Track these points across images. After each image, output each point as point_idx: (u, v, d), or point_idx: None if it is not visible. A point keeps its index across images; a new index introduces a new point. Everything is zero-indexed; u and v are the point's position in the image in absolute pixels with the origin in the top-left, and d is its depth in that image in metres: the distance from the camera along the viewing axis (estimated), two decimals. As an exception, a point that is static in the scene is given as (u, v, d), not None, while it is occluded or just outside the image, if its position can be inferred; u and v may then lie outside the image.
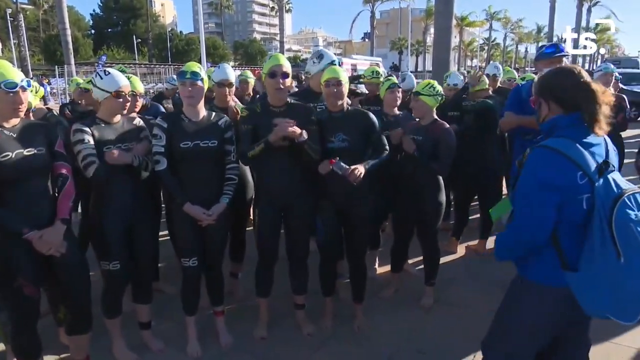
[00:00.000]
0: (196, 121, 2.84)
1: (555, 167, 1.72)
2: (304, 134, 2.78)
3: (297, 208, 3.02)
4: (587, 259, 1.72)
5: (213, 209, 2.82)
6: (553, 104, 1.86)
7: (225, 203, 2.86)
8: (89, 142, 2.61)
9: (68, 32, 21.34)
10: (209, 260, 3.03)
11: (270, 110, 2.91)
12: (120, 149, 2.69)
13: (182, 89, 2.81)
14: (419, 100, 3.40)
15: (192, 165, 2.80)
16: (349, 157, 2.90)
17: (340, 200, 3.06)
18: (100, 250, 2.79)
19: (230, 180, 2.92)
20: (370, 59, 30.18)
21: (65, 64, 21.96)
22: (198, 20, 13.39)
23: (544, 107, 1.89)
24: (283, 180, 2.94)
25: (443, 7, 11.17)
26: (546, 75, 1.95)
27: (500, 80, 6.03)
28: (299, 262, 3.17)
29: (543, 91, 1.90)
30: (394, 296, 3.81)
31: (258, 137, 2.86)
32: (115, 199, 2.73)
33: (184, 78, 2.77)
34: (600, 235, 1.67)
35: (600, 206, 1.69)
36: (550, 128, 1.85)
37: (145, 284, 3.02)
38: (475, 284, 4.05)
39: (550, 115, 1.87)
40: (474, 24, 55.72)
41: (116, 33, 61.68)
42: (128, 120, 2.86)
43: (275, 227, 3.08)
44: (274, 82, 2.84)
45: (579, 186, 1.71)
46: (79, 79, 5.71)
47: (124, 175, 2.71)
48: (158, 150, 2.76)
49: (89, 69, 29.95)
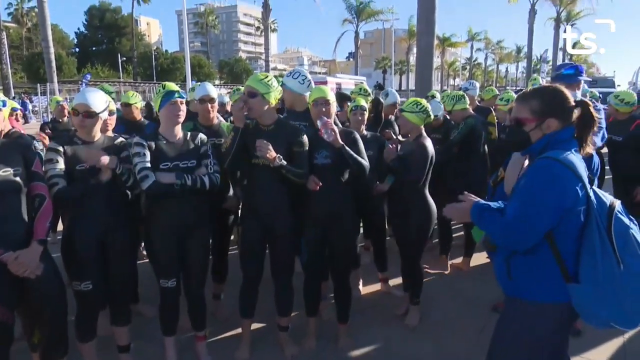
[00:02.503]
0: (174, 142, 2.82)
1: (562, 180, 1.75)
2: (278, 159, 2.75)
3: (283, 226, 2.99)
4: (589, 270, 1.74)
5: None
6: (553, 121, 1.87)
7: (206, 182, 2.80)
8: (58, 163, 2.55)
9: (51, 50, 21.19)
10: (191, 282, 2.98)
11: (260, 128, 2.92)
12: (95, 168, 2.63)
13: (171, 108, 2.75)
14: (402, 117, 3.50)
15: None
16: (332, 174, 2.94)
17: (323, 218, 3.05)
18: (71, 270, 2.69)
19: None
20: (354, 78, 30.54)
21: (47, 82, 21.77)
22: (183, 39, 13.47)
23: (544, 127, 1.88)
24: (269, 197, 2.92)
25: (425, 28, 11.41)
26: (545, 95, 1.93)
27: (476, 98, 6.14)
28: (284, 283, 3.13)
29: (547, 110, 1.88)
30: (378, 316, 3.78)
31: (248, 152, 2.86)
32: (88, 213, 2.65)
33: (173, 97, 2.75)
34: (600, 245, 1.72)
35: (597, 216, 1.75)
36: (545, 145, 1.87)
37: (122, 305, 2.92)
38: (460, 301, 4.04)
39: (546, 133, 1.88)
40: (456, 44, 56.96)
41: (101, 51, 61.61)
42: (108, 139, 2.82)
43: (261, 245, 3.04)
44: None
45: (579, 198, 1.76)
46: (59, 97, 5.67)
47: (98, 189, 2.64)
48: (144, 166, 2.69)
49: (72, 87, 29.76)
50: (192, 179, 2.74)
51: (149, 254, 2.95)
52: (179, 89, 2.83)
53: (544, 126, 1.88)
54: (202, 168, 2.84)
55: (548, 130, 1.88)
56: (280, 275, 3.10)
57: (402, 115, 3.47)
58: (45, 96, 22.75)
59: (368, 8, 40.94)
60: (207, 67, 59.93)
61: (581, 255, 1.77)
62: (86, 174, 2.60)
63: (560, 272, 1.81)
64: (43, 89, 23.27)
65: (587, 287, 1.75)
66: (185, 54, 13.71)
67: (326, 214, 3.02)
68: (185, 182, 2.71)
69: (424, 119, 3.45)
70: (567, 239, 1.80)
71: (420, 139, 3.45)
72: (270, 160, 2.74)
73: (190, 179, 2.73)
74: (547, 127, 1.88)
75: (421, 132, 3.48)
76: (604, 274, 1.72)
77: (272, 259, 3.11)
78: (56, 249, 2.74)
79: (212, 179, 2.83)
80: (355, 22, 42.34)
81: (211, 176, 2.83)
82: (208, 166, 2.86)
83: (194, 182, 2.74)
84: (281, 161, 2.76)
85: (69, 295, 2.61)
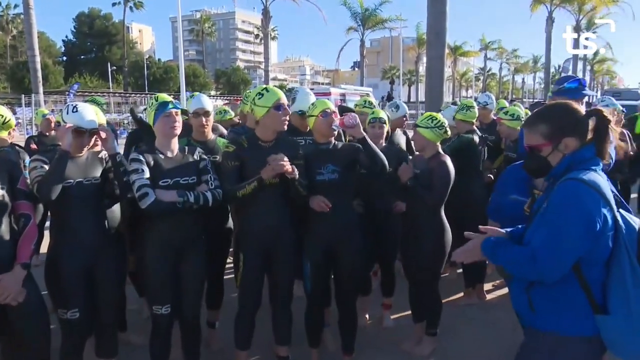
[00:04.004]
0: (172, 157, 2.84)
1: (590, 203, 1.72)
2: (295, 170, 2.80)
3: (284, 248, 3.00)
4: (619, 301, 1.73)
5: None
6: (570, 140, 1.86)
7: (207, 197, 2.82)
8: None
9: (37, 59, 21.43)
10: (186, 309, 2.96)
11: (259, 145, 2.94)
12: (82, 184, 2.67)
13: (166, 121, 2.77)
14: (417, 132, 3.49)
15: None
16: (338, 190, 2.96)
17: (328, 239, 3.05)
18: (56, 296, 2.69)
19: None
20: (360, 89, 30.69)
21: (33, 93, 21.97)
22: (178, 47, 13.63)
23: (562, 147, 1.87)
24: (271, 219, 2.93)
25: (434, 38, 11.51)
26: (553, 115, 1.92)
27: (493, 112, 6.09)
28: (283, 308, 3.12)
29: (559, 130, 1.87)
30: (387, 347, 3.75)
31: (245, 173, 2.87)
32: (74, 235, 2.67)
33: (167, 108, 2.77)
34: (631, 273, 1.71)
35: (625, 242, 1.72)
36: (567, 166, 1.84)
37: (110, 334, 2.92)
38: (474, 332, 4.01)
39: (566, 153, 1.87)
40: (468, 53, 57.38)
41: (90, 60, 62.43)
42: (93, 155, 2.84)
43: (261, 272, 3.04)
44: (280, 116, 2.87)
45: (608, 223, 1.74)
46: (45, 110, 5.74)
47: (84, 209, 2.66)
48: (143, 183, 2.68)
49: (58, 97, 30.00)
50: (194, 196, 2.75)
51: (140, 276, 2.95)
52: (172, 99, 2.86)
53: (561, 147, 1.87)
54: (202, 185, 2.86)
55: (567, 150, 1.86)
56: (280, 301, 3.10)
57: (417, 131, 3.47)
58: (30, 107, 22.92)
59: (374, 15, 41.33)
60: (203, 77, 60.52)
61: (610, 284, 1.75)
62: (73, 190, 2.63)
63: (587, 302, 1.78)
64: (28, 100, 23.44)
65: (618, 319, 1.73)
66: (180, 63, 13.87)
67: (332, 234, 3.03)
68: (188, 199, 2.73)
69: (440, 135, 3.45)
70: (594, 266, 1.77)
71: (440, 157, 3.43)
72: (289, 174, 2.76)
73: (192, 196, 2.74)
74: (565, 147, 1.86)
75: (438, 150, 3.48)
76: (636, 305, 1.70)
77: (271, 284, 3.11)
78: (39, 272, 2.73)
79: (215, 195, 2.84)
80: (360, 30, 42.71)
81: (214, 192, 2.84)
82: (209, 182, 2.88)
83: (196, 199, 2.75)
84: (295, 172, 2.79)
85: (53, 322, 2.61)
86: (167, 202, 2.68)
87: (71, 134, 2.59)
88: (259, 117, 2.88)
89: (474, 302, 4.57)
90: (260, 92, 2.90)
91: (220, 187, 2.88)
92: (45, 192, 2.50)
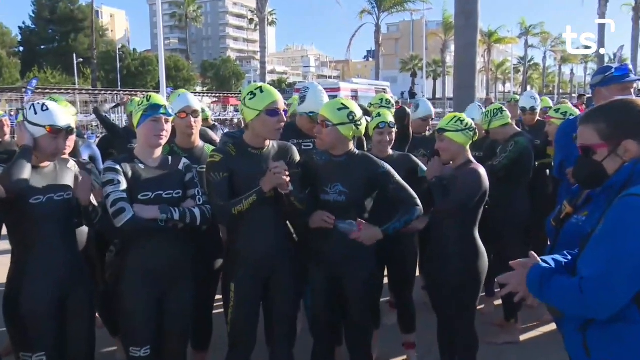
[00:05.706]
0: (154, 167, 2.86)
1: None
2: (289, 185, 2.82)
3: (283, 277, 3.01)
4: None
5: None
6: (632, 143, 1.85)
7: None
8: None
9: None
10: (169, 353, 2.96)
11: (249, 153, 2.95)
12: (53, 200, 2.69)
13: (153, 126, 2.79)
14: (445, 138, 3.39)
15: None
16: (346, 214, 2.95)
17: (335, 262, 3.06)
18: (18, 337, 2.71)
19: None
20: (375, 83, 30.75)
21: (-17, 90, 22.24)
22: (157, 35, 13.75)
23: (620, 152, 1.87)
24: (268, 241, 2.94)
25: (464, 21, 11.52)
26: (614, 110, 1.94)
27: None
28: (282, 348, 3.11)
29: (620, 130, 1.88)
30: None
31: (235, 186, 2.88)
32: (43, 264, 2.69)
33: (157, 113, 2.79)
34: None
35: None
36: (628, 176, 1.83)
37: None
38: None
39: (626, 159, 1.86)
40: (504, 40, 57.43)
41: (51, 50, 62.94)
42: (60, 164, 2.87)
43: (257, 306, 3.05)
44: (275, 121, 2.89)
45: None
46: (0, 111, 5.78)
47: (55, 231, 2.69)
48: (119, 197, 2.69)
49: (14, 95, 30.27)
50: (179, 213, 2.76)
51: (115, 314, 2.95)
52: (166, 103, 2.89)
53: (620, 151, 1.87)
54: (188, 200, 2.88)
55: (626, 155, 1.86)
56: (280, 339, 3.09)
57: (445, 137, 3.38)
58: (-20, 107, 23.20)
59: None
60: (187, 70, 61.03)
61: None
62: (43, 209, 2.66)
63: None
64: (-23, 99, 23.77)
65: None
66: (159, 54, 13.96)
67: (338, 257, 3.04)
68: (172, 216, 2.74)
69: (471, 138, 3.42)
70: None
71: (471, 165, 3.39)
72: (282, 187, 2.78)
73: (177, 213, 2.76)
74: (625, 151, 1.86)
75: (469, 157, 3.45)
76: None
77: (268, 319, 3.12)
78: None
79: (204, 212, 2.85)
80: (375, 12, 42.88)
81: (202, 208, 2.86)
82: (196, 197, 2.90)
83: (182, 217, 2.77)
84: (288, 187, 2.81)
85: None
86: (147, 220, 2.69)
87: (48, 135, 2.64)
88: (249, 120, 2.90)
89: (515, 340, 4.55)
90: (252, 92, 2.89)
91: (210, 203, 2.90)
92: (8, 183, 2.50)
